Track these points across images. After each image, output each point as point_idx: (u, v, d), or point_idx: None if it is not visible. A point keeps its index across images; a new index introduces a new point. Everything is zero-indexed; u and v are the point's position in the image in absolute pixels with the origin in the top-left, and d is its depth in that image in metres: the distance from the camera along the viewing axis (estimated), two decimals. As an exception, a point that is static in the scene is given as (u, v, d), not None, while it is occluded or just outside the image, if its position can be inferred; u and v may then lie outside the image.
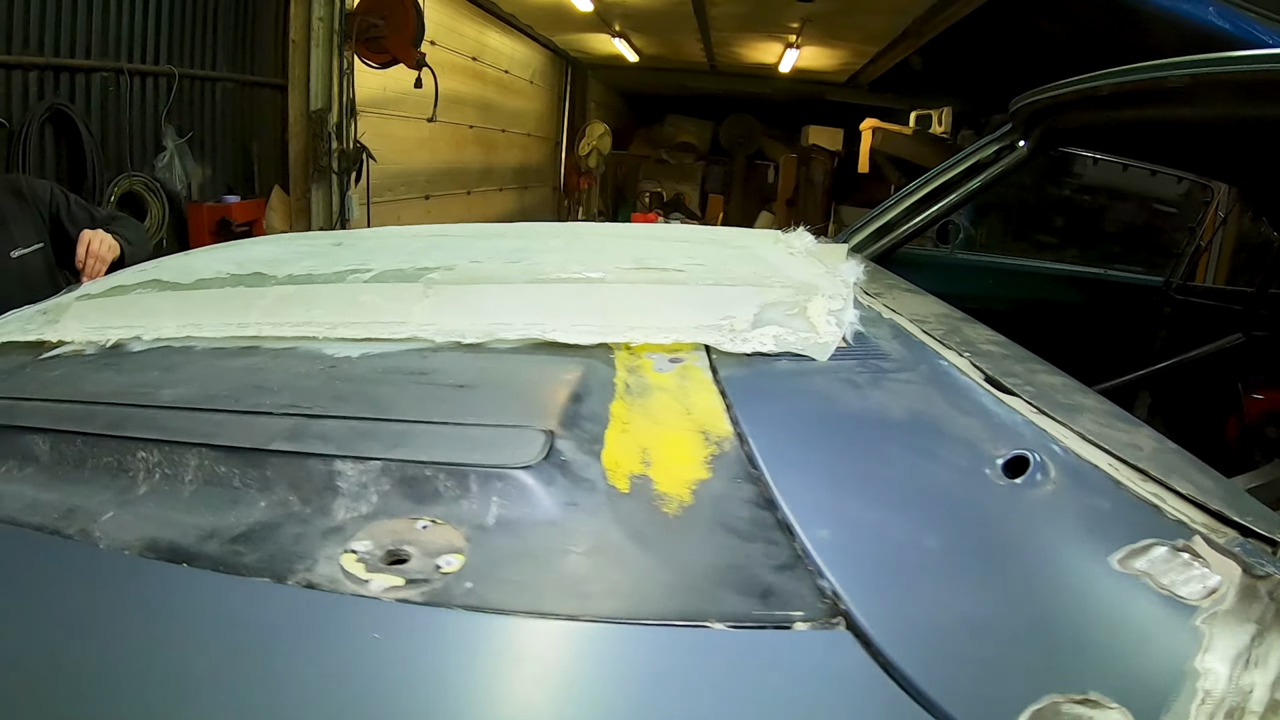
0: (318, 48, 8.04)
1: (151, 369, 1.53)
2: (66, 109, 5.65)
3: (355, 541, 0.99)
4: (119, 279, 2.22)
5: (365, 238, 2.63)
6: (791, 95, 18.62)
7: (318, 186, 8.13)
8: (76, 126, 5.72)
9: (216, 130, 7.27)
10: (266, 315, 1.71)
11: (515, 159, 15.02)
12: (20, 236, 3.18)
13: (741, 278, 1.85)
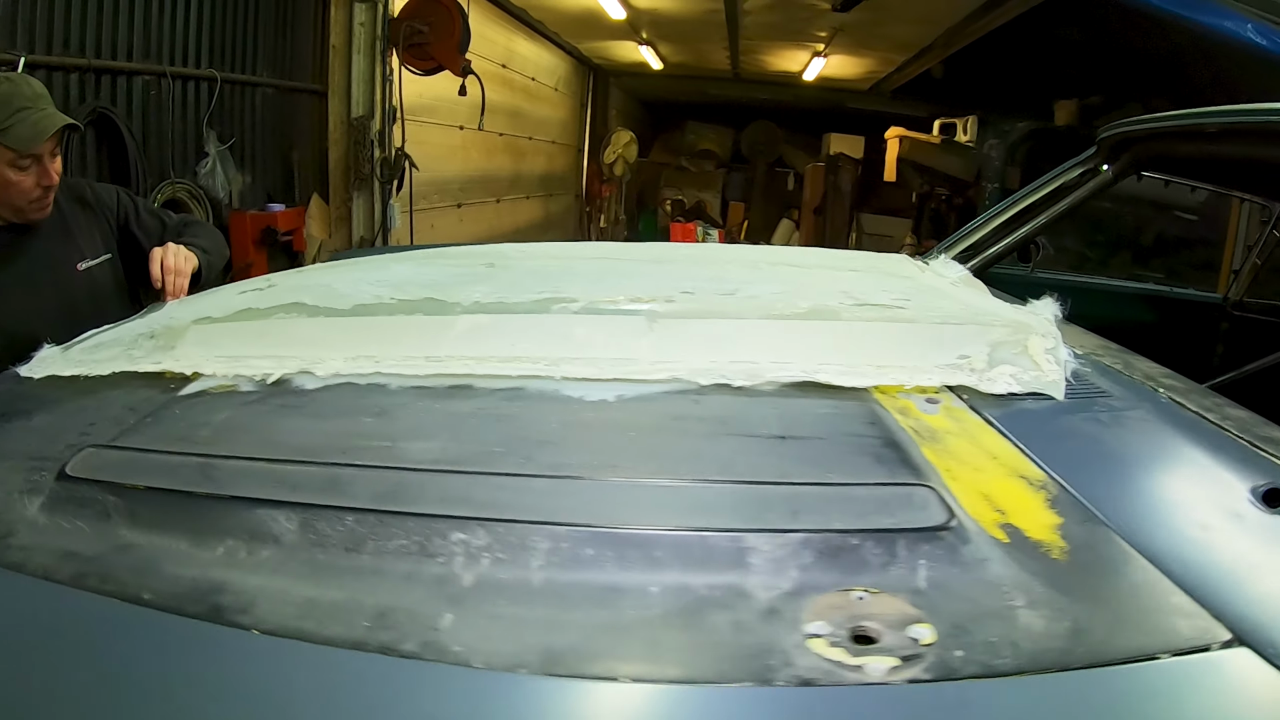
0: (359, 54, 7.82)
1: (358, 413, 1.42)
2: (110, 112, 5.37)
3: (809, 624, 0.93)
4: (246, 301, 2.00)
5: (514, 257, 2.41)
6: (813, 102, 18.35)
7: (359, 194, 7.92)
8: (119, 130, 5.44)
9: (257, 137, 7.02)
10: (461, 348, 1.61)
11: (541, 166, 14.78)
12: (88, 247, 2.96)
13: (957, 315, 1.79)
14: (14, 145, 2.60)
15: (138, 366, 1.69)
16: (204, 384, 1.57)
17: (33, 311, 2.68)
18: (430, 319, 1.73)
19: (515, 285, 1.93)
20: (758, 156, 20.02)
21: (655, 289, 1.87)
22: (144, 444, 1.35)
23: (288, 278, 2.38)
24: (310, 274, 2.43)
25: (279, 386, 1.53)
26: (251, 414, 1.45)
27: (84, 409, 1.53)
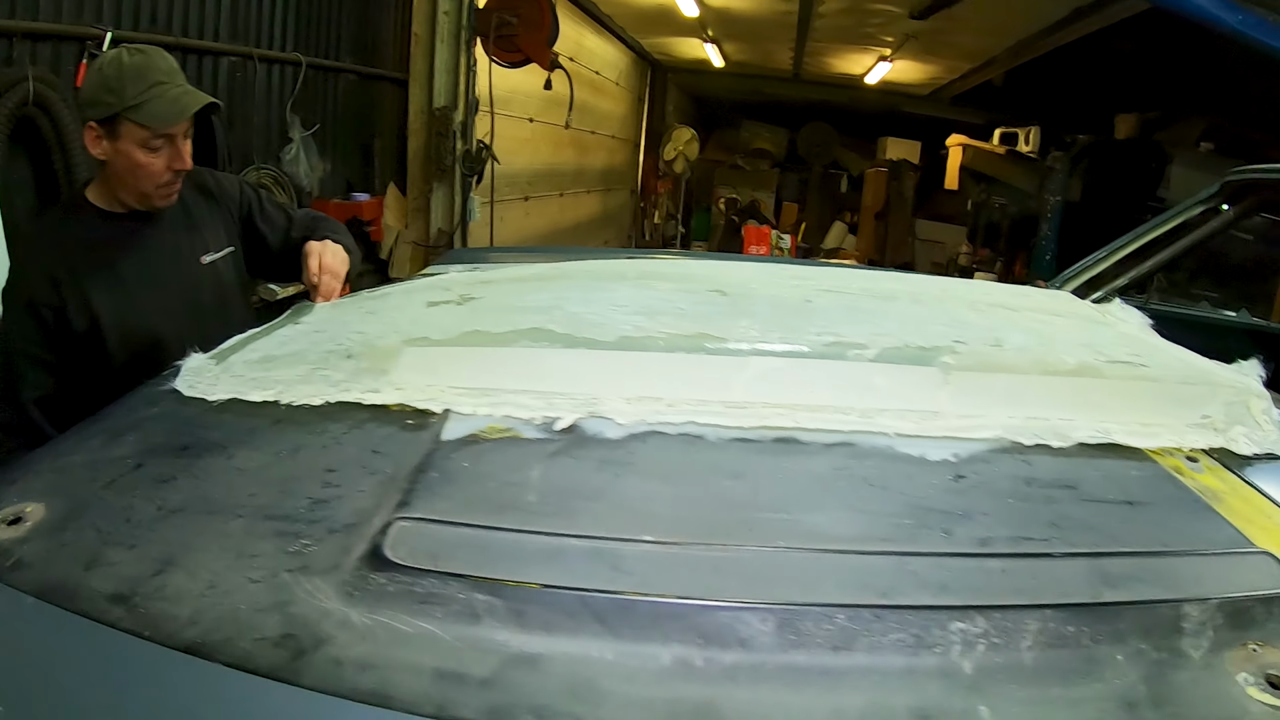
0: (442, 43, 7.55)
1: (706, 473, 1.33)
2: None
3: (1237, 675, 1.01)
4: (456, 317, 1.86)
5: (737, 283, 2.20)
6: (870, 105, 18.10)
7: (439, 185, 7.65)
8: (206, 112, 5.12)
9: (338, 124, 6.84)
10: (758, 393, 1.52)
11: (602, 161, 14.51)
12: (211, 239, 2.77)
13: (1191, 374, 1.78)
14: (148, 123, 2.38)
15: (348, 394, 1.54)
16: (467, 425, 1.43)
17: (155, 307, 2.56)
18: (715, 359, 1.59)
19: (780, 323, 1.79)
20: (813, 158, 19.78)
21: (919, 334, 1.76)
22: (464, 515, 1.20)
23: (474, 286, 2.18)
24: (505, 286, 2.21)
25: (572, 434, 1.40)
26: (570, 471, 1.32)
27: (307, 449, 1.39)
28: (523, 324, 1.69)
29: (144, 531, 1.18)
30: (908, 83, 16.09)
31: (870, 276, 2.55)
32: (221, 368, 1.74)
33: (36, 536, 1.19)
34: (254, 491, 1.26)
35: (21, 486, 1.34)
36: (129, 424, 1.56)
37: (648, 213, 17.55)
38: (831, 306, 1.99)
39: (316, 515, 1.18)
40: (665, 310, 1.81)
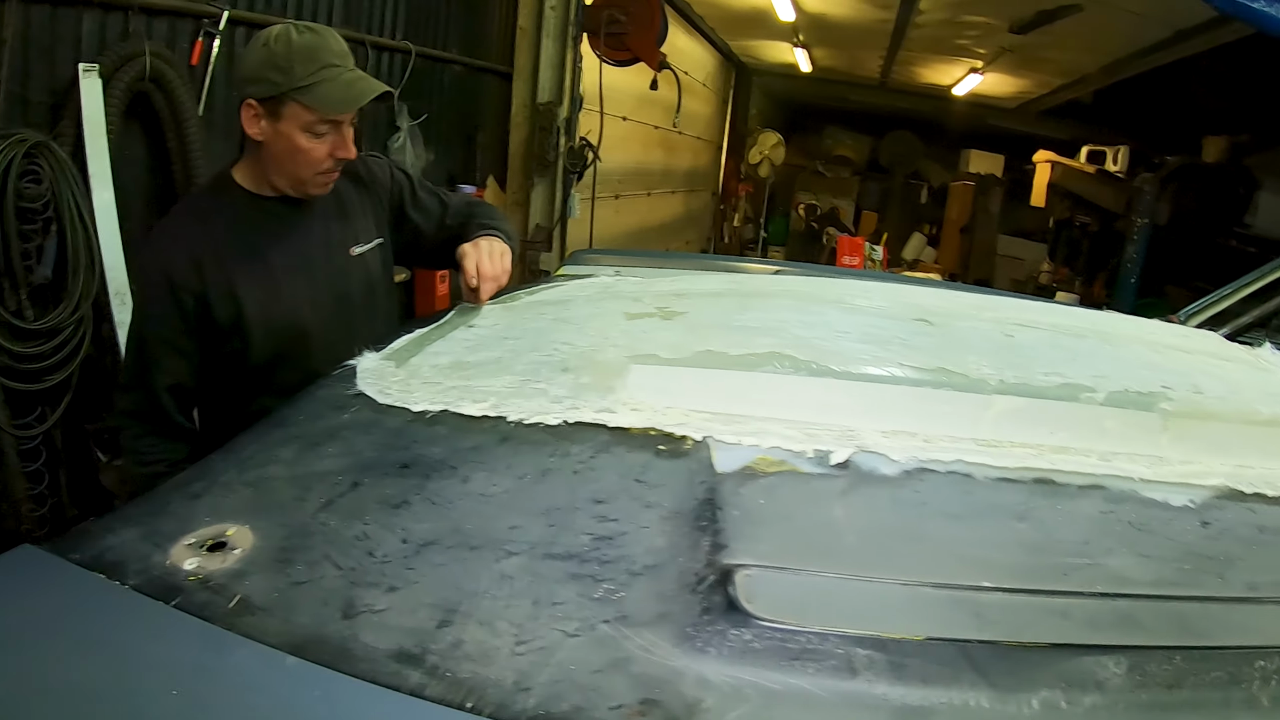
0: (548, 38, 7.36)
1: (994, 515, 1.31)
2: None
3: None
4: (696, 339, 1.71)
5: (930, 312, 2.12)
6: (954, 117, 17.63)
7: (540, 180, 7.48)
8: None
9: (443, 114, 6.70)
10: (1003, 432, 1.50)
11: (687, 162, 14.32)
12: (362, 231, 2.61)
13: None
14: (316, 106, 2.23)
15: (579, 413, 1.44)
16: (737, 456, 1.34)
17: (302, 298, 2.45)
18: (962, 396, 1.56)
19: (1003, 360, 1.75)
20: (896, 167, 19.51)
21: (1130, 378, 1.73)
22: (798, 560, 1.15)
23: (666, 299, 2.07)
24: (702, 302, 2.10)
25: (849, 469, 1.34)
26: (872, 511, 1.29)
27: (556, 474, 1.31)
28: (757, 347, 1.62)
29: (398, 569, 1.07)
30: (996, 96, 15.73)
31: (1044, 309, 2.45)
32: (406, 371, 1.67)
33: (255, 569, 1.07)
34: (516, 524, 1.17)
35: (213, 503, 1.22)
36: (322, 432, 1.46)
37: (727, 215, 17.32)
38: (1037, 344, 1.94)
39: (607, 555, 1.10)
40: (890, 340, 1.77)
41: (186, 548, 1.11)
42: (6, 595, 1.10)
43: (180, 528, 1.16)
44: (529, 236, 7.51)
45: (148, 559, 1.11)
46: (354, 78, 2.29)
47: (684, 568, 1.06)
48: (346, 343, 2.28)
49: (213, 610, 1.00)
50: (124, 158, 3.80)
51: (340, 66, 2.26)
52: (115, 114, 3.65)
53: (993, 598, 1.11)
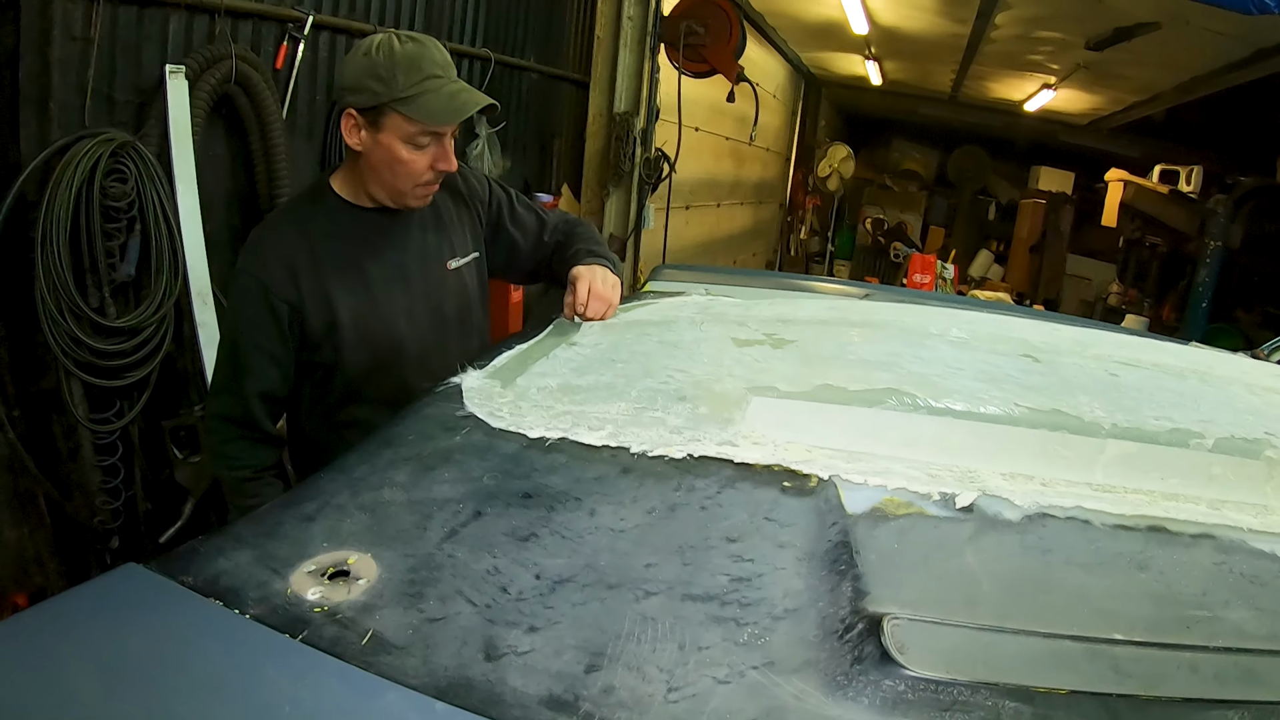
0: (625, 48, 7.34)
1: (1117, 565, 1.26)
2: None
3: None
4: (814, 372, 1.69)
5: (1034, 347, 2.12)
6: (1024, 132, 17.36)
7: (615, 190, 7.47)
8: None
9: (521, 122, 6.75)
10: (1116, 477, 1.49)
11: (757, 174, 14.23)
12: (459, 245, 2.59)
13: None
14: (420, 117, 2.20)
15: (701, 446, 1.42)
16: (865, 498, 1.33)
17: (398, 310, 2.43)
18: (1077, 439, 1.54)
19: (1114, 401, 1.73)
20: (964, 182, 19.23)
21: (1235, 423, 1.71)
22: (941, 610, 1.13)
23: (774, 325, 2.06)
24: (809, 329, 2.08)
25: (973, 513, 1.33)
26: (1002, 558, 1.27)
27: (685, 509, 1.28)
28: (875, 383, 1.62)
29: (536, 608, 1.04)
30: (1067, 112, 15.45)
31: (1138, 344, 2.44)
32: (514, 393, 1.66)
33: (384, 603, 1.04)
34: (651, 561, 1.16)
35: (329, 527, 1.18)
36: (435, 454, 1.43)
37: (794, 228, 17.17)
38: (1142, 384, 1.92)
39: (747, 597, 1.09)
40: (1003, 379, 1.77)
41: (307, 575, 1.06)
42: (117, 620, 1.05)
43: (297, 552, 1.12)
44: (604, 246, 7.44)
45: (267, 586, 1.06)
46: (457, 89, 2.25)
47: (827, 613, 1.04)
48: (440, 356, 2.34)
49: (345, 647, 0.95)
50: (208, 159, 3.82)
51: (443, 78, 2.22)
52: (200, 115, 3.67)
53: (1126, 651, 1.10)
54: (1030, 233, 16.64)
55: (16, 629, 1.14)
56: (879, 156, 20.23)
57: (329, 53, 4.66)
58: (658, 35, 7.32)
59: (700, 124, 9.56)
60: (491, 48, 6.05)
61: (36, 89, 3.23)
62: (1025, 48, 11.24)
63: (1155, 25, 8.63)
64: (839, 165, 15.26)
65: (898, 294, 4.51)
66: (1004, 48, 11.41)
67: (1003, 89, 14.79)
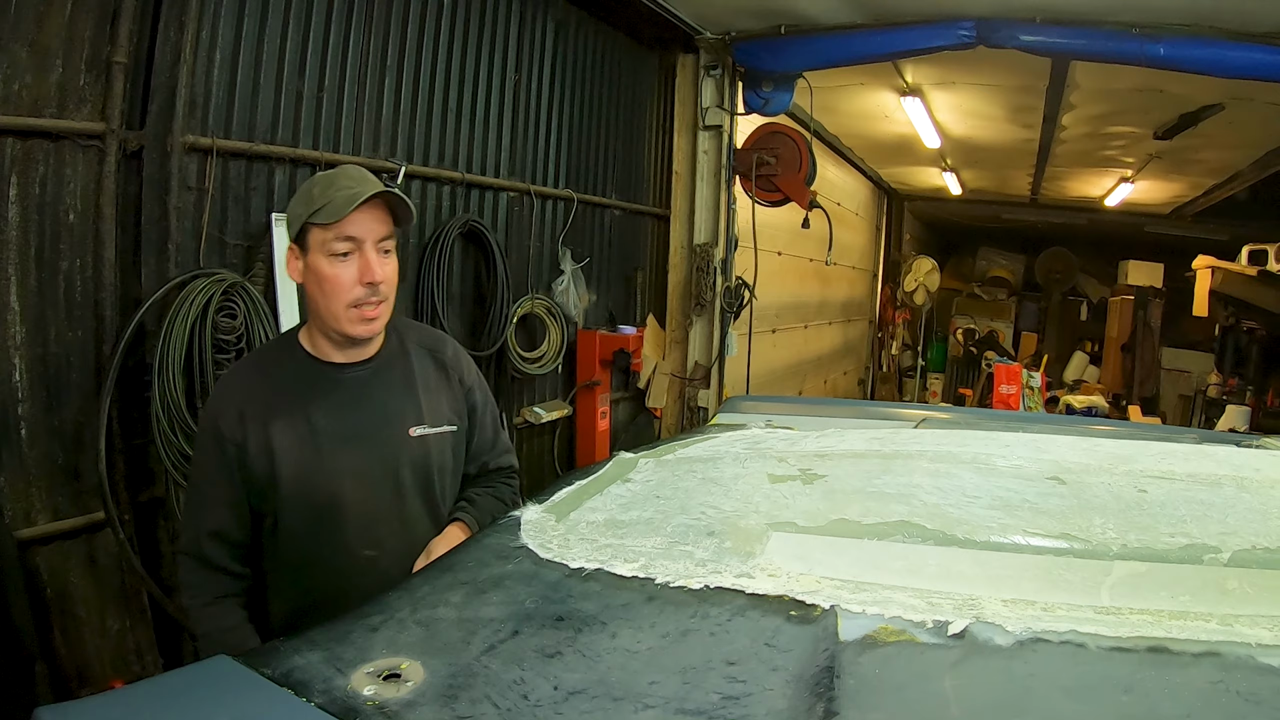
0: (702, 181, 7.65)
1: (1103, 689, 1.24)
2: (480, 226, 5.36)
3: None
4: (832, 507, 1.76)
5: (1068, 470, 2.12)
6: (1109, 227, 17.32)
7: (698, 319, 7.67)
8: (488, 243, 5.42)
9: (604, 256, 6.98)
10: (1122, 598, 1.48)
11: (843, 292, 14.41)
12: (430, 412, 2.48)
13: None
14: (323, 218, 2.19)
15: (721, 578, 1.51)
16: (860, 625, 1.37)
17: (344, 469, 2.33)
18: (1081, 563, 1.55)
19: (1130, 520, 1.73)
20: (1052, 285, 19.14)
21: (1260, 532, 1.67)
22: None
23: (811, 461, 2.15)
24: (843, 464, 2.13)
25: (964, 639, 1.33)
26: (979, 685, 1.26)
27: (695, 634, 1.37)
28: (888, 515, 1.68)
29: (549, 713, 1.16)
30: (1149, 202, 15.36)
31: (1185, 454, 2.37)
32: (565, 526, 1.76)
33: (425, 701, 1.18)
34: (655, 679, 1.24)
35: (388, 637, 1.34)
36: (487, 580, 1.58)
37: (885, 343, 17.18)
38: (1168, 499, 1.88)
39: (732, 713, 1.15)
40: (1018, 505, 1.79)
41: (365, 675, 1.22)
42: (206, 699, 1.23)
43: (360, 656, 1.28)
44: (689, 374, 7.64)
45: (330, 681, 1.22)
46: (364, 190, 2.22)
47: None
48: (392, 523, 2.38)
49: None
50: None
51: (354, 188, 2.22)
52: None
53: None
54: (1120, 331, 16.40)
55: (116, 700, 1.34)
56: (966, 265, 20.27)
57: (420, 199, 4.98)
58: (732, 168, 7.56)
59: (782, 248, 9.78)
60: (574, 188, 6.32)
61: (156, 232, 3.59)
62: (1096, 145, 11.32)
63: (1219, 107, 8.70)
64: (924, 279, 15.30)
65: (969, 415, 4.52)
66: (1076, 147, 11.51)
67: (1081, 187, 14.82)
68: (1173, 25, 6.26)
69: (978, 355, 15.95)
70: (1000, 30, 6.44)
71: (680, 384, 7.64)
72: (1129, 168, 12.71)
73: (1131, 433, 3.46)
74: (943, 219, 19.80)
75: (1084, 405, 12.30)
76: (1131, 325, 16.16)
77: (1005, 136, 11.27)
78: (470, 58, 5.37)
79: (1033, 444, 2.39)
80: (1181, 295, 15.02)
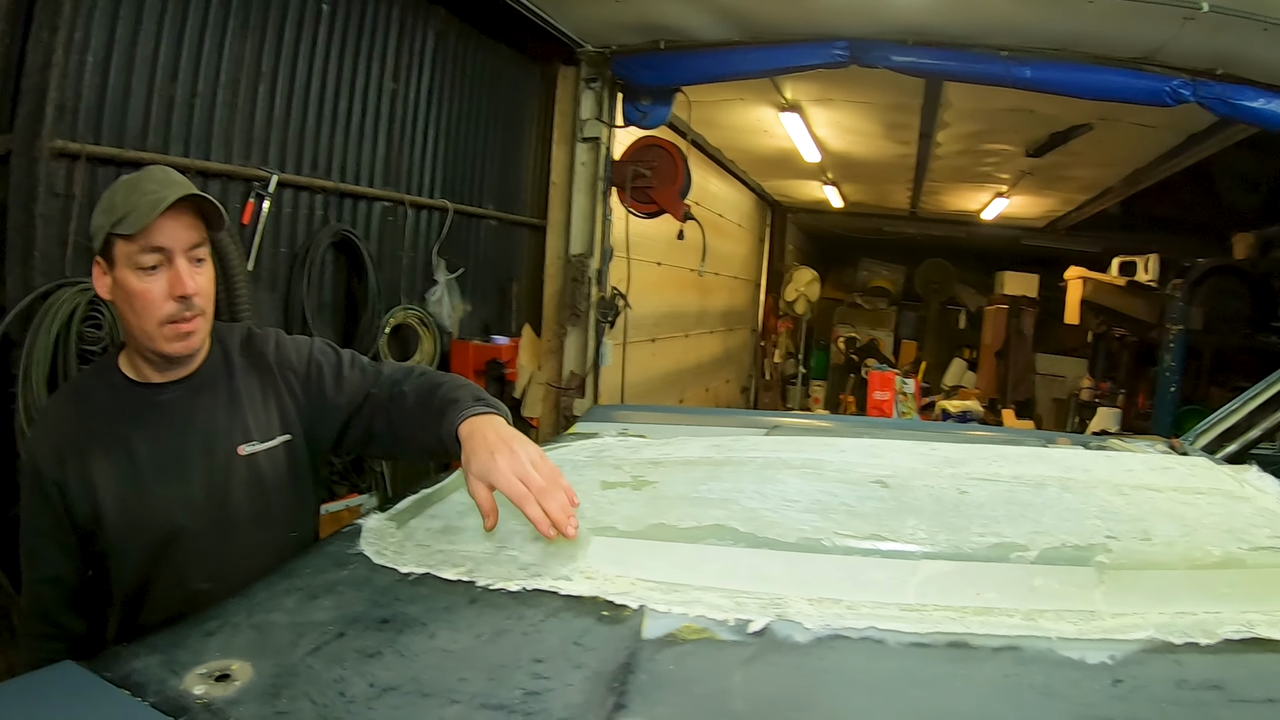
0: (579, 192, 7.74)
1: (899, 684, 1.33)
2: (352, 235, 5.37)
3: None
4: (653, 512, 1.83)
5: (895, 473, 2.22)
6: (986, 240, 18.06)
7: (573, 329, 7.77)
8: (361, 253, 5.42)
9: (480, 267, 7.02)
10: (927, 596, 1.55)
11: (724, 302, 14.61)
12: (257, 426, 2.23)
13: None
14: (126, 228, 1.98)
15: (541, 582, 1.59)
16: (665, 624, 1.44)
17: (171, 498, 2.12)
18: (889, 562, 1.63)
19: (944, 521, 1.82)
20: (931, 295, 19.73)
21: (1073, 531, 1.77)
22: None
23: (644, 468, 2.22)
24: (675, 471, 2.21)
25: (764, 637, 1.41)
26: (768, 679, 1.33)
27: (509, 634, 1.43)
28: (705, 519, 1.73)
29: (361, 709, 1.22)
30: (1024, 216, 16.06)
31: (1017, 457, 2.49)
32: (404, 534, 1.81)
33: (249, 699, 1.24)
34: (465, 676, 1.30)
35: (222, 641, 1.41)
36: (322, 585, 1.63)
37: (768, 352, 17.53)
38: (987, 499, 1.98)
39: (531, 708, 1.21)
40: (835, 508, 1.85)
41: (198, 676, 1.30)
42: (51, 702, 1.31)
43: (194, 658, 1.35)
44: (564, 384, 7.75)
45: (165, 682, 1.31)
46: (164, 195, 2.00)
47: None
48: (225, 553, 2.14)
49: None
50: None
51: (158, 192, 2.01)
52: None
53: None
54: (995, 338, 17.11)
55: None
56: (848, 276, 20.78)
57: (292, 208, 5.00)
58: (608, 179, 7.70)
59: (662, 259, 9.95)
60: (451, 198, 6.35)
61: (21, 240, 3.57)
62: (971, 161, 11.78)
63: (1088, 126, 9.15)
64: (805, 288, 15.66)
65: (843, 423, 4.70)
66: (951, 163, 11.96)
67: (959, 201, 15.37)
68: (1040, 49, 6.62)
69: (859, 363, 16.33)
70: (873, 51, 6.72)
71: (556, 393, 7.72)
72: (1004, 183, 13.27)
73: (985, 437, 3.67)
74: (825, 230, 20.27)
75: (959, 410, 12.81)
76: (1005, 333, 16.84)
77: (883, 152, 11.64)
78: (348, 66, 5.36)
79: (869, 449, 2.49)
80: (1056, 304, 15.64)
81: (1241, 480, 2.31)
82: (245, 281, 4.33)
